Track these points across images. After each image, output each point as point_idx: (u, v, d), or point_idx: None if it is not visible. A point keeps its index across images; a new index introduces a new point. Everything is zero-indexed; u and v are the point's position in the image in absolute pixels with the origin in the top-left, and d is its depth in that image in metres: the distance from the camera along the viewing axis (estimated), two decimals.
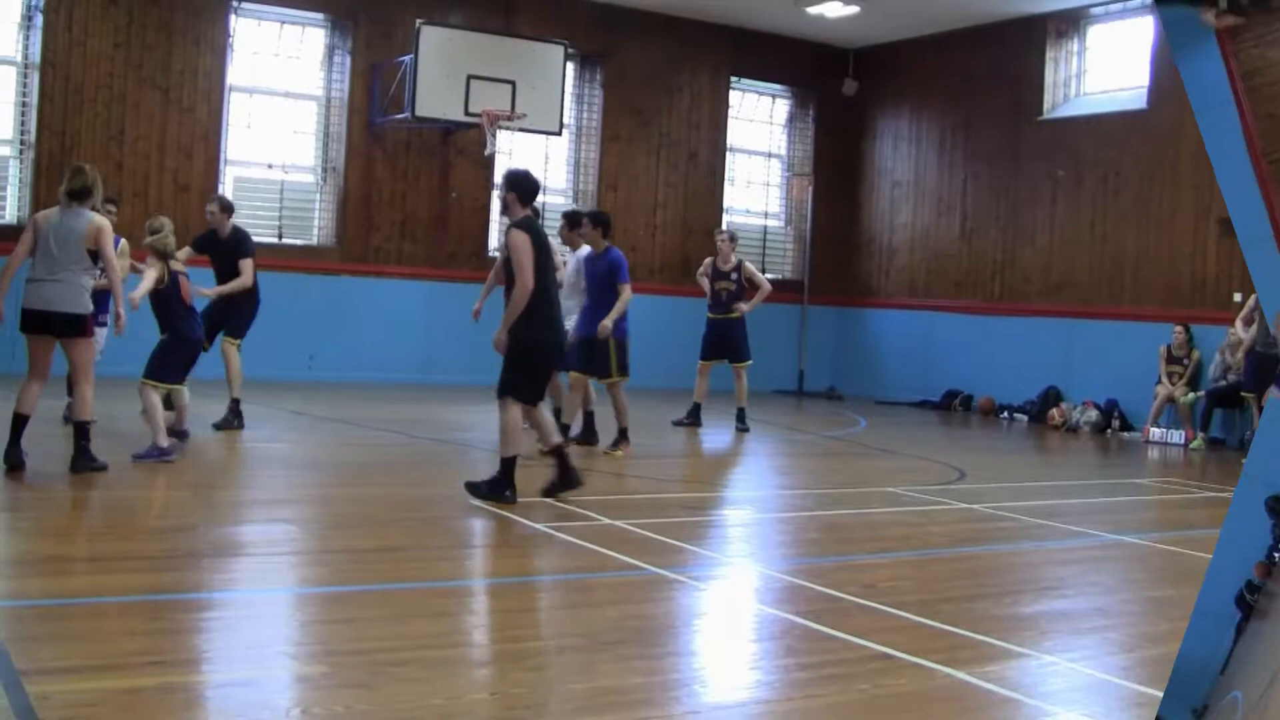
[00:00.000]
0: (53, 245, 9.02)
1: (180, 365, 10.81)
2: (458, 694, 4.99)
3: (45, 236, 9.06)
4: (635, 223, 20.40)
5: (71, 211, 9.13)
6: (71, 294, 9.07)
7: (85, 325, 9.24)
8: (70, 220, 9.11)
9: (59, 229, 9.07)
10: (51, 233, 9.06)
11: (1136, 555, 9.11)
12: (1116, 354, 18.29)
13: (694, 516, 9.83)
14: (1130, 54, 19.03)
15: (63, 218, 9.11)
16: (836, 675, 5.49)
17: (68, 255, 9.03)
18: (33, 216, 9.59)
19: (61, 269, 9.02)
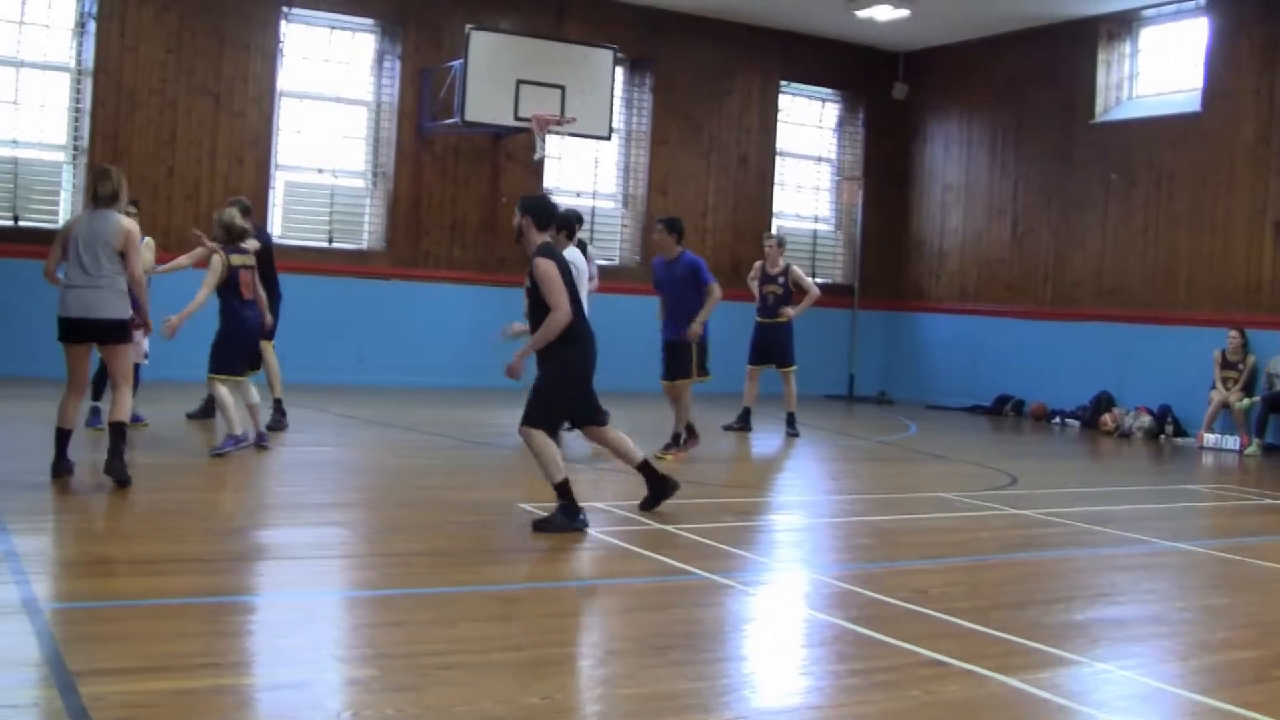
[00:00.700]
0: (83, 251, 8.88)
1: (238, 356, 10.92)
2: (507, 698, 4.98)
3: (76, 242, 8.94)
4: (685, 227, 20.31)
5: (100, 215, 9.01)
6: (111, 299, 8.95)
7: (126, 331, 9.14)
8: (99, 224, 8.98)
9: (88, 234, 8.93)
10: (82, 238, 8.93)
11: (1190, 562, 9.01)
12: (1170, 359, 18.13)
13: (744, 521, 9.80)
14: (1183, 56, 18.88)
15: (91, 222, 9.00)
16: (888, 682, 5.46)
17: (102, 260, 8.90)
18: (62, 225, 9.52)
19: (98, 274, 8.89)
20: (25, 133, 16.42)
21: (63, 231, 9.25)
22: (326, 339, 16.84)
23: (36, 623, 5.52)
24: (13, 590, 6.01)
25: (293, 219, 18.05)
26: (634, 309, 19.64)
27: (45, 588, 6.26)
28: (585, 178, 20.06)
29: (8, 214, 16.22)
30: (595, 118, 17.99)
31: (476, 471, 11.36)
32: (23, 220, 16.22)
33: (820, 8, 19.49)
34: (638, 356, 19.47)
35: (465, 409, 13.16)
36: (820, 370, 20.95)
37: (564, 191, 19.76)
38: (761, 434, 14.93)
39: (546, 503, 9.11)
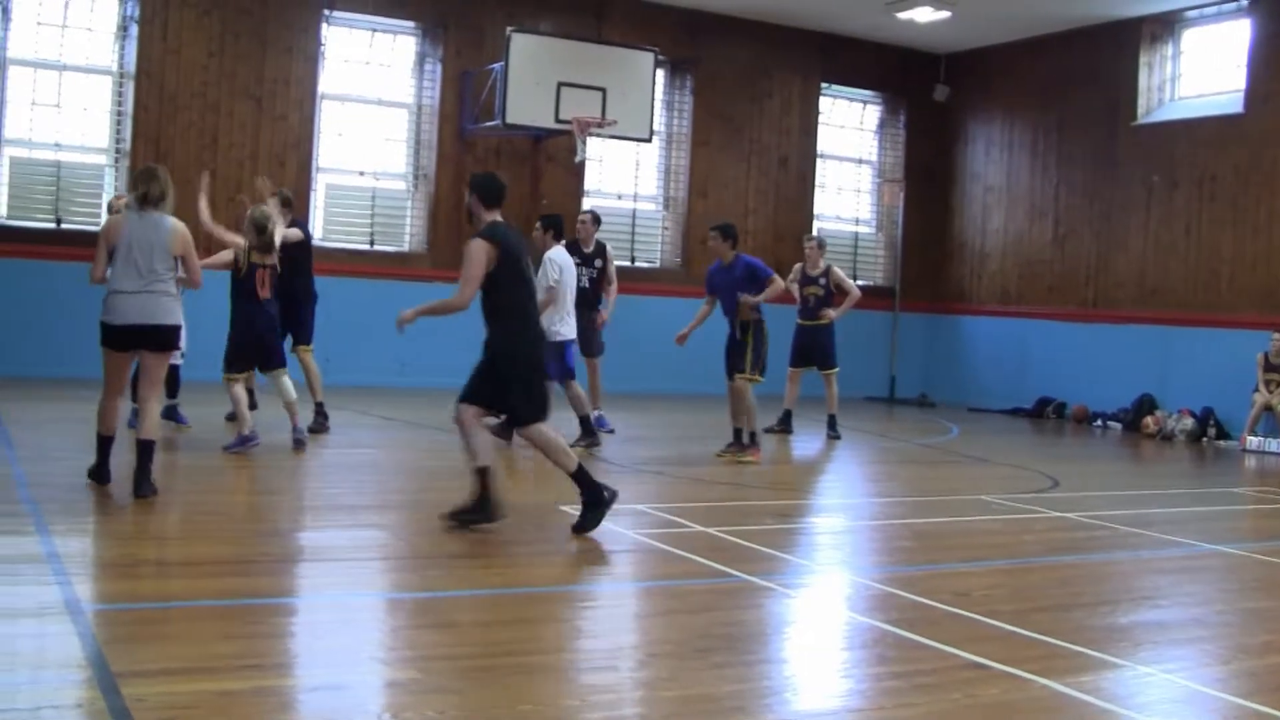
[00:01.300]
0: (136, 254, 8.48)
1: (243, 354, 10.95)
2: (548, 700, 5.01)
3: (127, 246, 8.50)
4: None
5: (151, 217, 8.60)
6: (167, 305, 8.62)
7: (177, 339, 8.89)
8: (151, 226, 8.58)
9: (140, 237, 8.52)
10: (134, 241, 8.51)
11: (1233, 565, 8.96)
12: (1212, 361, 18.03)
13: (785, 524, 9.80)
14: (1225, 58, 18.77)
15: (143, 225, 8.58)
16: (929, 685, 5.46)
17: (157, 264, 8.54)
18: (103, 227, 8.97)
19: (153, 279, 8.52)
20: (68, 136, 16.57)
21: (105, 234, 8.74)
22: (368, 341, 16.88)
23: (79, 624, 5.57)
24: (55, 591, 6.07)
25: (334, 222, 18.14)
26: (674, 311, 19.68)
27: (87, 589, 6.32)
28: (626, 180, 20.09)
29: (50, 217, 16.37)
30: (636, 120, 18.01)
31: (516, 473, 11.39)
32: (65, 223, 16.37)
33: (861, 9, 19.46)
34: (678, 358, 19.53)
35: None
36: (861, 372, 20.88)
37: (604, 194, 19.81)
38: (802, 436, 14.92)
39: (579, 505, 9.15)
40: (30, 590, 6.13)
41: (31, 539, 7.18)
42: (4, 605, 5.94)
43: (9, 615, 5.79)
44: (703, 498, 10.32)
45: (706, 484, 11.04)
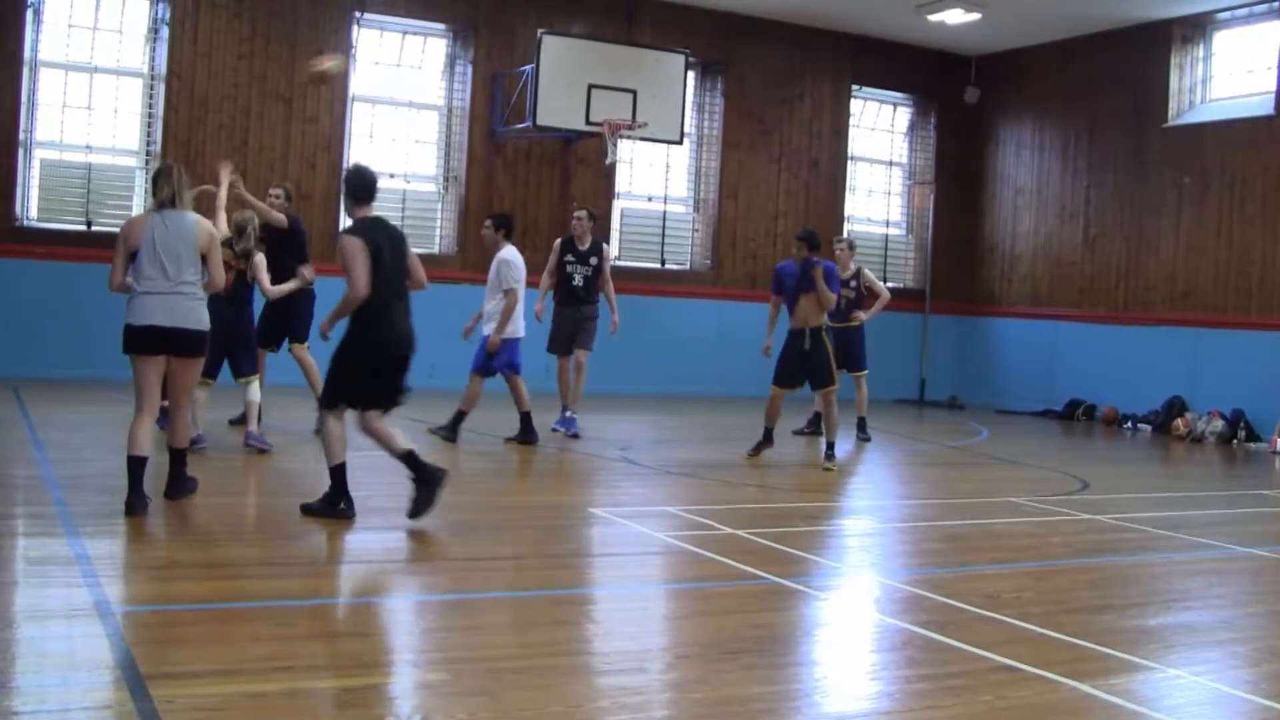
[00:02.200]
0: (162, 254, 8.18)
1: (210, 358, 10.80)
2: (578, 702, 5.04)
3: (150, 247, 8.19)
4: (756, 231, 20.39)
5: (175, 215, 8.29)
6: (196, 309, 8.31)
7: (204, 344, 8.47)
8: (175, 225, 8.27)
9: (165, 237, 8.21)
10: (158, 241, 8.20)
11: (1263, 568, 8.94)
12: (1243, 363, 17.95)
13: (814, 526, 9.82)
14: (1257, 59, 18.69)
15: (167, 223, 8.24)
16: (959, 687, 5.47)
17: (184, 265, 8.23)
18: (122, 230, 8.51)
19: (180, 280, 8.21)
20: (99, 138, 16.67)
21: (124, 237, 8.34)
22: None
23: (109, 625, 5.61)
24: (84, 593, 6.12)
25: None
26: (704, 313, 19.72)
27: (117, 590, 6.36)
28: (656, 182, 20.10)
29: (81, 219, 16.47)
30: (666, 122, 18.03)
31: (546, 476, 11.45)
32: (95, 225, 16.46)
33: (891, 11, 19.44)
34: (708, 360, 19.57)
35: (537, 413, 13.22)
36: (891, 375, 20.87)
37: (635, 195, 19.83)
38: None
39: (612, 507, 9.19)
40: (60, 592, 6.18)
41: (61, 540, 7.24)
42: (34, 607, 6.01)
43: (39, 617, 5.83)
44: (732, 500, 10.32)
45: (736, 486, 11.06)
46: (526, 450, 12.47)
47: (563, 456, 12.44)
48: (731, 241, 20.25)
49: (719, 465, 12.29)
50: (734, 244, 20.27)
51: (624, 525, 8.82)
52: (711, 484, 11.06)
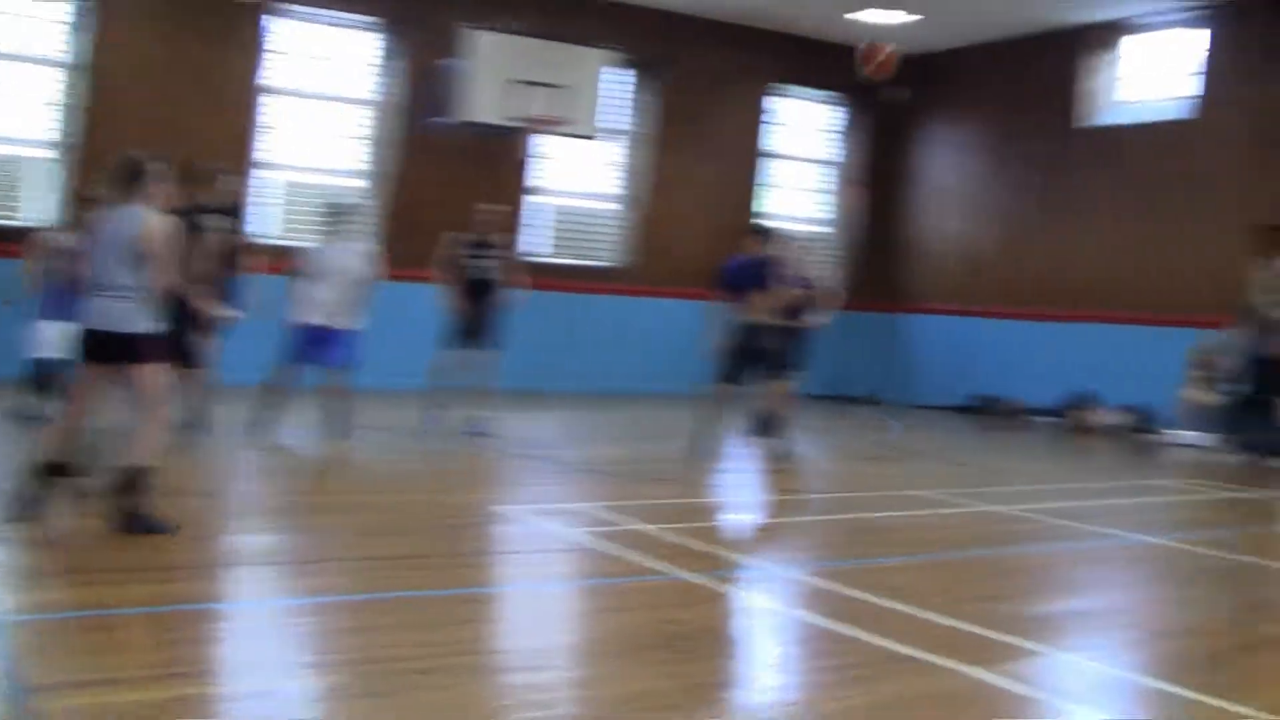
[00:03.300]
0: (103, 251, 7.63)
1: None
2: (482, 702, 5.04)
3: (96, 243, 7.74)
4: (685, 228, 20.35)
5: (121, 210, 7.69)
6: (124, 311, 7.58)
7: (146, 348, 7.64)
8: (119, 221, 7.68)
9: (108, 232, 7.69)
10: (103, 237, 7.69)
11: (1158, 555, 9.16)
12: (1147, 358, 18.30)
13: (723, 520, 9.91)
14: (1176, 64, 19.07)
15: (113, 219, 7.71)
16: (863, 677, 5.56)
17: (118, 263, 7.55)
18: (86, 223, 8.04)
19: (114, 280, 7.57)
20: (9, 128, 16.24)
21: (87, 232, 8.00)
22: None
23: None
24: None
25: (291, 219, 17.99)
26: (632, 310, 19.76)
27: (3, 598, 6.08)
28: (585, 178, 20.06)
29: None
30: (591, 118, 18.03)
31: (451, 474, 11.34)
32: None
33: (821, 11, 19.55)
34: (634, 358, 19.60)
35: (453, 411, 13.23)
36: (810, 371, 21.00)
37: (563, 191, 19.81)
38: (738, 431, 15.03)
39: (519, 504, 9.24)
40: None
41: None
42: None
43: None
44: (645, 496, 10.34)
45: (650, 482, 11.10)
46: (432, 448, 12.40)
47: (470, 454, 12.39)
48: (660, 238, 20.24)
49: (629, 461, 12.35)
50: (663, 241, 20.27)
51: (531, 523, 8.84)
52: (621, 480, 11.11)
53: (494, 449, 12.48)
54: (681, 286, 19.80)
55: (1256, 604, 7.86)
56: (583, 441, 13.90)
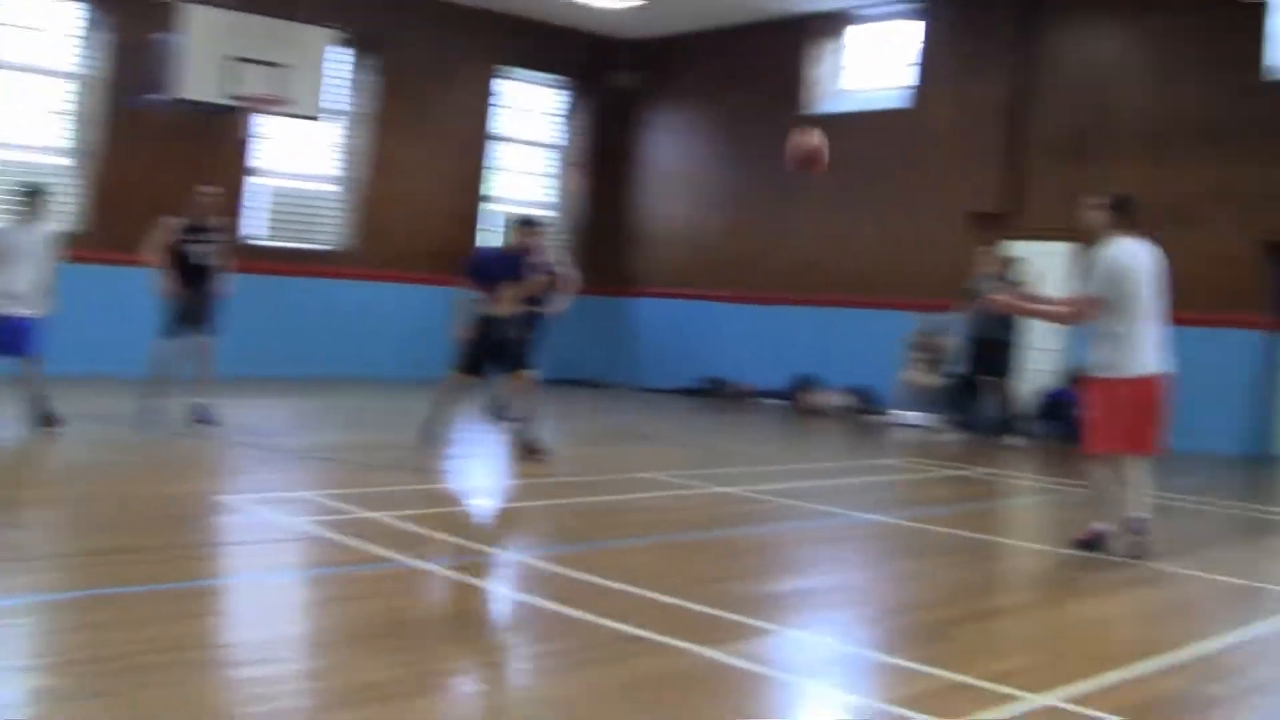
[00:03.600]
0: None
1: None
2: (208, 697, 4.88)
3: None
4: (405, 211, 20.11)
5: None
6: None
7: None
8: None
9: None
10: None
11: (882, 532, 9.43)
12: (867, 341, 18.87)
13: (452, 507, 9.84)
14: (892, 55, 19.70)
15: None
16: (592, 659, 5.55)
17: None
18: None
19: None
20: None
21: None
22: None
23: None
24: None
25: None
26: (351, 295, 19.42)
27: None
28: (303, 159, 19.60)
29: None
30: (313, 98, 17.57)
31: (171, 464, 10.94)
32: None
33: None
34: (354, 343, 19.30)
35: (173, 399, 12.83)
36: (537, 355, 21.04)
37: (281, 173, 19.32)
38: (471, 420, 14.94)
39: (243, 494, 9.01)
40: None
41: None
42: None
43: None
44: (369, 483, 10.16)
45: (375, 469, 10.92)
46: (151, 437, 11.97)
47: (191, 443, 12.00)
48: (380, 221, 19.95)
49: (356, 448, 12.15)
50: (383, 224, 19.98)
51: (257, 512, 8.60)
52: (349, 467, 10.91)
53: (216, 437, 12.12)
54: (407, 270, 19.64)
55: (978, 578, 8.13)
56: (308, 428, 13.62)
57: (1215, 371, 15.48)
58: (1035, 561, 8.79)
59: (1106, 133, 16.96)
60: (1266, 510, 11.83)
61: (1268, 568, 8.94)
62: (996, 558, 8.97)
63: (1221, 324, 15.60)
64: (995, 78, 17.95)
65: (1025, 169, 17.74)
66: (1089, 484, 8.81)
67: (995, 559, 8.93)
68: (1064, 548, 8.75)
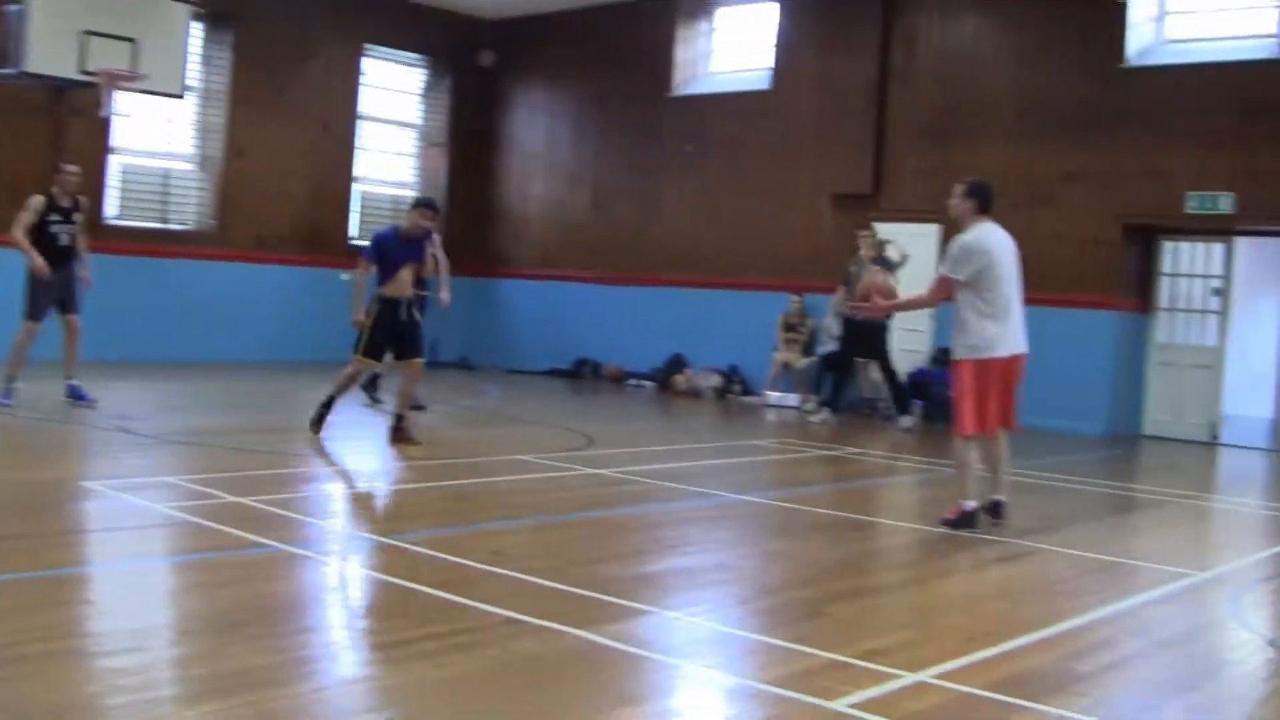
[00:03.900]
0: None
1: None
2: (76, 687, 4.76)
3: None
4: (264, 191, 19.86)
5: None
6: None
7: None
8: None
9: None
10: None
11: (754, 513, 9.50)
12: (738, 322, 19.00)
13: (321, 490, 9.76)
14: (756, 37, 19.81)
15: None
16: (466, 643, 5.52)
17: None
18: None
19: None
20: None
21: None
22: None
23: None
24: None
25: None
26: (209, 275, 19.09)
27: None
28: (159, 137, 19.23)
29: None
30: (169, 75, 17.15)
31: (33, 449, 10.67)
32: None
33: None
34: (211, 325, 18.99)
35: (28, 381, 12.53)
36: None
37: (136, 151, 18.92)
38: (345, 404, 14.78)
39: (108, 479, 8.84)
40: None
41: None
42: None
43: None
44: (236, 467, 9.99)
45: (240, 453, 10.74)
46: (12, 423, 11.69)
47: (53, 428, 11.75)
48: (239, 201, 19.66)
49: (221, 432, 11.96)
50: (241, 203, 19.68)
51: (121, 498, 8.43)
52: (214, 451, 10.74)
53: (80, 422, 11.87)
54: (269, 251, 19.41)
55: (850, 557, 8.22)
56: (171, 413, 13.36)
57: (1078, 352, 15.83)
58: (906, 540, 8.91)
59: (971, 115, 17.21)
60: (1130, 488, 12.09)
61: (1132, 544, 9.15)
62: (868, 537, 9.07)
63: (1083, 305, 15.93)
64: (860, 60, 18.12)
65: (891, 151, 17.95)
66: (956, 463, 8.96)
67: (867, 538, 9.03)
68: (934, 526, 8.87)
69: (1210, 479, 13.74)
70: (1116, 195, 15.99)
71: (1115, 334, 16.14)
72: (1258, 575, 8.20)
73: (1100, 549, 8.48)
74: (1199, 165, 15.38)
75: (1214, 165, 15.29)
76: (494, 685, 5.01)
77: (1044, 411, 15.28)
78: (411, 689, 4.97)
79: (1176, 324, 16.61)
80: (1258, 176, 14.99)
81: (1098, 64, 16.24)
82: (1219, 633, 6.63)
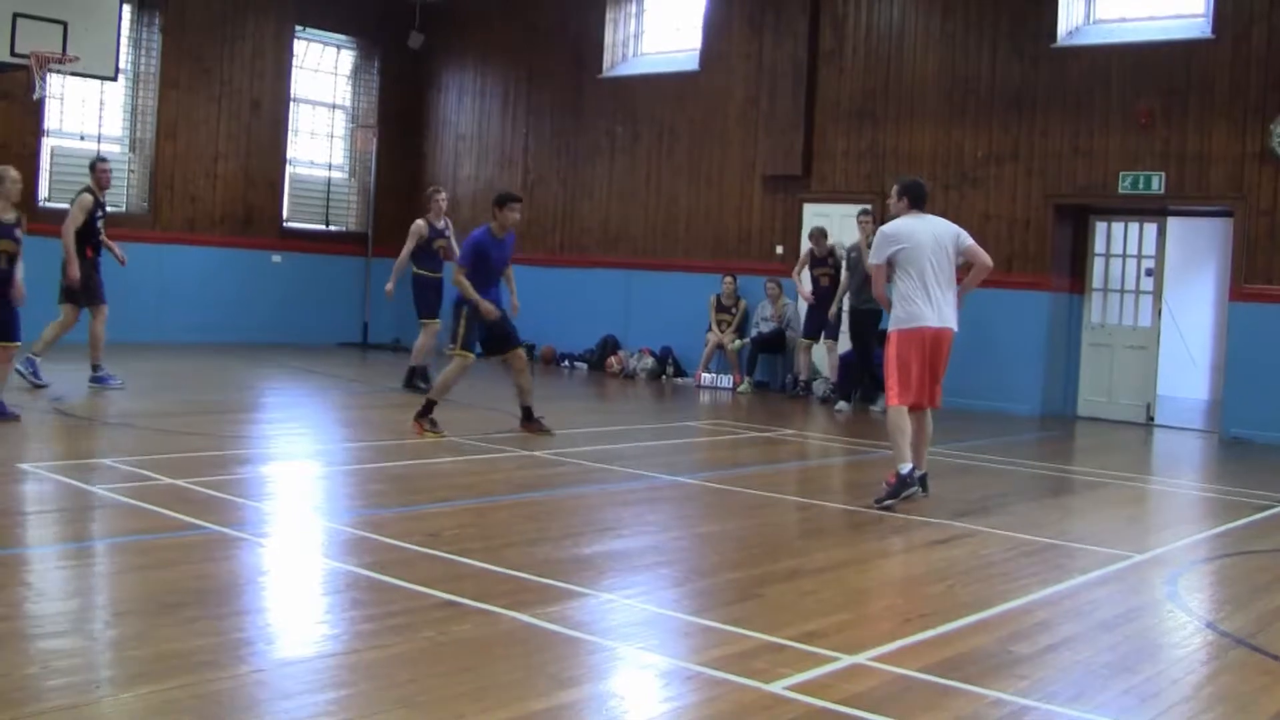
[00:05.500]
0: None
1: None
2: (13, 670, 4.75)
3: None
4: (195, 173, 19.77)
5: None
6: None
7: None
8: None
9: None
10: None
11: (688, 494, 9.56)
12: (670, 303, 19.06)
13: (257, 472, 9.72)
14: (684, 18, 19.85)
15: None
16: (402, 625, 5.55)
17: None
18: None
19: None
20: None
21: None
22: None
23: None
24: None
25: None
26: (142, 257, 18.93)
27: None
28: (90, 120, 19.05)
29: None
30: (100, 57, 16.96)
31: None
32: None
33: None
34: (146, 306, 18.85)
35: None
36: (335, 318, 20.92)
37: (66, 134, 18.74)
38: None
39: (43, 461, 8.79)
40: None
41: None
42: None
43: None
44: (171, 449, 9.97)
45: (177, 435, 10.72)
46: None
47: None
48: (169, 183, 19.55)
49: (157, 414, 11.91)
50: (172, 186, 19.58)
51: (56, 480, 8.41)
52: (149, 434, 10.69)
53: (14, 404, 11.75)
54: (200, 234, 19.32)
55: (786, 539, 8.30)
56: (100, 395, 13.27)
57: (1010, 333, 16.02)
58: (842, 522, 8.96)
59: (901, 97, 17.33)
60: (1065, 469, 12.24)
61: (1069, 526, 9.23)
62: (804, 519, 9.14)
63: (1015, 286, 16.09)
64: (789, 42, 18.20)
65: (821, 132, 18.04)
66: (889, 429, 9.15)
67: (802, 520, 9.10)
68: (869, 507, 8.97)
69: (1146, 460, 13.90)
70: (1047, 175, 16.17)
71: (1048, 314, 16.30)
72: (1195, 557, 8.31)
73: (1037, 531, 8.57)
74: (1130, 145, 15.57)
75: (1145, 145, 15.48)
76: (430, 667, 5.04)
77: (977, 392, 15.49)
78: (348, 671, 5.00)
79: (1110, 304, 16.74)
80: (1188, 157, 15.19)
81: (1027, 44, 16.40)
82: (1157, 615, 6.70)
